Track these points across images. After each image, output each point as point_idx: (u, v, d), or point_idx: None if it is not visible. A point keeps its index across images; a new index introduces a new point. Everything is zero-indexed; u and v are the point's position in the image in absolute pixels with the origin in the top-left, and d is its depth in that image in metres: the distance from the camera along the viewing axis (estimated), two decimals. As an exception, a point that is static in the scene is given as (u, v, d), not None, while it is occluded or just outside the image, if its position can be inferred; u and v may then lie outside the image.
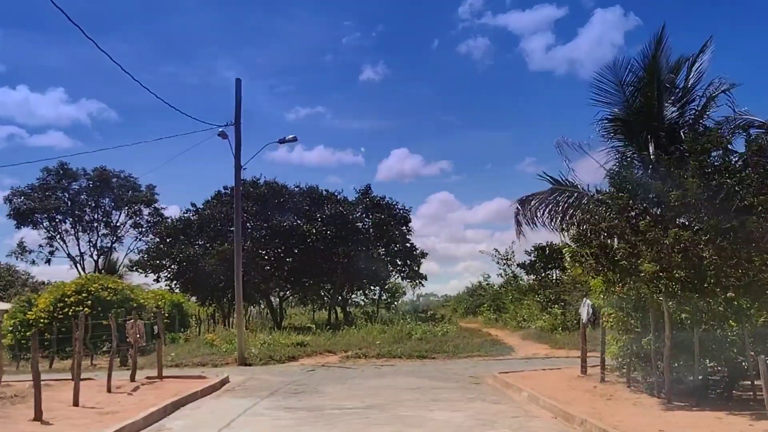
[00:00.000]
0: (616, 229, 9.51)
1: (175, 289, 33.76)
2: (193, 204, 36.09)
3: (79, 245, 41.66)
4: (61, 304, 21.64)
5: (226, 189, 34.72)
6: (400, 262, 38.65)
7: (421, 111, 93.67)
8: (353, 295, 42.33)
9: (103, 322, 17.02)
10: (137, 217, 42.22)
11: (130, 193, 41.29)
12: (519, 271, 35.68)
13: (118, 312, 18.74)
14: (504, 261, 37.13)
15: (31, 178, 41.41)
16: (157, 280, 34.21)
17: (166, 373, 15.07)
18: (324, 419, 9.17)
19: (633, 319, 10.05)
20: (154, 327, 14.28)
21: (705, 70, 13.32)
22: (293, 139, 20.96)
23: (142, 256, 35.45)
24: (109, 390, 12.03)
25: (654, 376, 9.74)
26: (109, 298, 22.35)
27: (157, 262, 33.71)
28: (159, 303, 27.64)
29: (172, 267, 33.59)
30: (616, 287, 10.42)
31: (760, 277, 8.92)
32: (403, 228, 37.31)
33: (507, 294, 36.46)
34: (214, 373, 15.95)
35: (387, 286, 44.76)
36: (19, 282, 49.31)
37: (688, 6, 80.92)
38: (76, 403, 10.49)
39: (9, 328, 20.72)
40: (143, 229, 41.63)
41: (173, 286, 33.90)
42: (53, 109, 76.17)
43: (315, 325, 33.81)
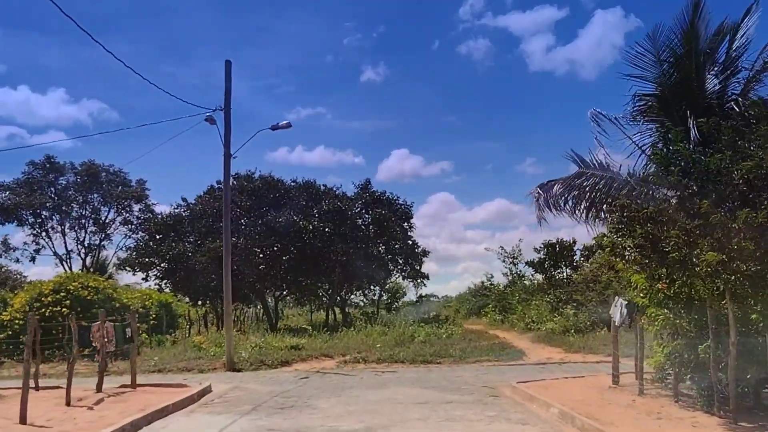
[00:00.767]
0: (665, 213, 7.86)
1: (165, 289, 32.08)
2: (184, 199, 34.19)
3: (65, 243, 39.87)
4: (38, 304, 20.57)
5: (219, 183, 32.86)
6: (401, 261, 36.52)
7: (422, 111, 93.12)
8: (352, 296, 40.55)
9: (82, 323, 15.96)
10: (127, 214, 40.25)
11: (119, 188, 39.31)
12: (526, 269, 34.17)
13: (97, 312, 17.25)
14: (510, 259, 35.62)
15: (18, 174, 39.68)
16: (146, 279, 32.60)
17: (144, 381, 13.92)
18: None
19: (686, 322, 8.38)
20: (126, 330, 12.60)
21: (751, 38, 11.79)
22: (287, 125, 19.51)
23: (130, 253, 33.61)
24: (68, 403, 10.47)
25: (714, 390, 8.09)
26: (89, 298, 21.25)
27: (146, 260, 31.87)
28: (146, 303, 26.33)
29: (162, 265, 31.85)
30: (661, 284, 8.78)
31: None
32: (405, 224, 35.12)
33: (514, 294, 34.81)
34: (198, 380, 14.71)
35: (387, 286, 43.02)
36: (11, 281, 47.41)
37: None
38: (23, 421, 8.93)
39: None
40: (133, 227, 39.58)
41: (163, 286, 32.21)
42: (54, 110, 75.45)
43: (312, 327, 32.20)
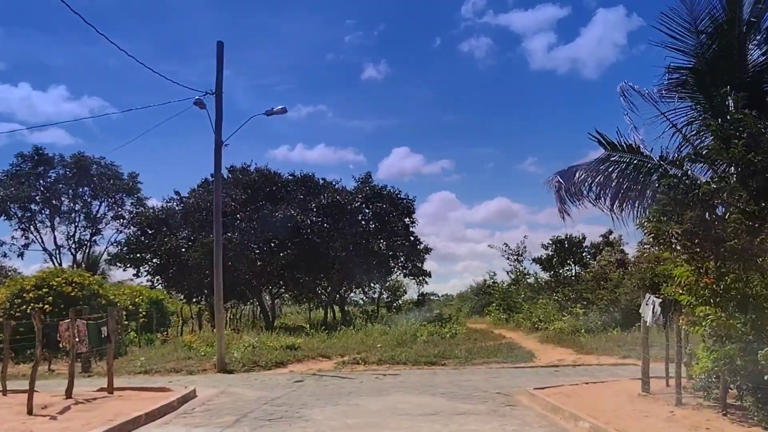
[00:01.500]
0: (722, 192, 6.63)
1: (157, 285, 30.83)
2: (177, 192, 32.66)
3: (55, 238, 38.63)
4: (19, 300, 19.62)
5: (213, 176, 31.59)
6: (402, 258, 35.15)
7: (423, 110, 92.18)
8: (352, 293, 39.29)
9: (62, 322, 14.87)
10: (119, 208, 38.99)
11: (111, 181, 37.97)
12: (532, 267, 32.94)
13: (82, 309, 16.13)
14: (515, 257, 34.38)
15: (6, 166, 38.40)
16: (137, 275, 31.28)
17: (126, 383, 12.88)
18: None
19: (740, 323, 7.18)
20: (102, 329, 11.41)
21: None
22: (282, 110, 18.35)
23: (121, 248, 32.33)
24: (30, 411, 9.28)
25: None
26: (73, 294, 20.21)
27: (137, 255, 30.60)
28: (136, 300, 25.23)
29: (154, 261, 30.60)
30: (707, 278, 7.58)
31: None
32: (406, 220, 33.74)
33: (519, 292, 33.58)
34: (184, 382, 13.56)
35: (388, 284, 41.72)
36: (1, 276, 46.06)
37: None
38: (-29, 433, 7.73)
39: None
40: (125, 221, 38.20)
41: (155, 282, 30.94)
42: (55, 107, 74.45)
43: (310, 326, 30.99)
